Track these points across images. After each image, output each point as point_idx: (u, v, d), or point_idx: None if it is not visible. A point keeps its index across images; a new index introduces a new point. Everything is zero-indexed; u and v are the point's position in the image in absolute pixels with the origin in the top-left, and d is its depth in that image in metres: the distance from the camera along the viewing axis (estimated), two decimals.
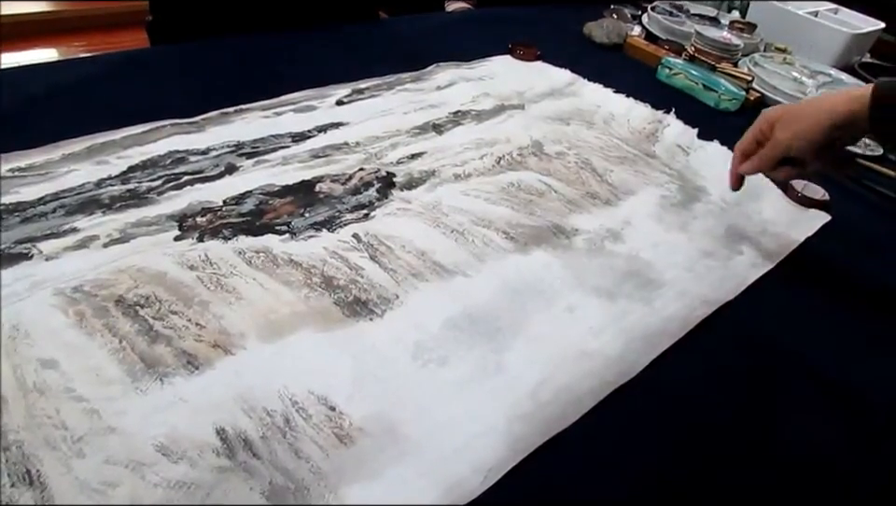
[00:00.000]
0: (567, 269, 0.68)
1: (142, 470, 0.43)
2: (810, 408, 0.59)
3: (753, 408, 0.59)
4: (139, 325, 0.53)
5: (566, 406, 0.54)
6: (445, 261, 0.65)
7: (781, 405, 0.59)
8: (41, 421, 0.45)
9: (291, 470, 0.45)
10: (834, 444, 0.57)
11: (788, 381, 0.62)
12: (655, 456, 0.53)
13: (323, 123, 0.85)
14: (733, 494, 0.52)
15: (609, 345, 0.60)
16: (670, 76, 1.17)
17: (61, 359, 0.49)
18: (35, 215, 0.62)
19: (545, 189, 0.79)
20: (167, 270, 0.58)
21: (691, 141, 0.95)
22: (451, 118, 0.93)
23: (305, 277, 0.60)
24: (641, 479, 0.51)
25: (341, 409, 0.50)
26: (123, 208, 0.65)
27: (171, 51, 0.98)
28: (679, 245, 0.75)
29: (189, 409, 0.47)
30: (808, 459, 0.55)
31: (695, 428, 0.55)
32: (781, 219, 0.83)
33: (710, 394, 0.59)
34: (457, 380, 0.54)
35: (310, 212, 0.69)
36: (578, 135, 0.93)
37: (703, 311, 0.66)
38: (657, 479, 0.51)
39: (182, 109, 0.82)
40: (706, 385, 0.60)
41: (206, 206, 0.67)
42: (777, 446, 0.55)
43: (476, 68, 1.10)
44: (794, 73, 1.22)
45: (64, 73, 0.88)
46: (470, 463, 0.48)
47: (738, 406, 0.58)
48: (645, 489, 0.50)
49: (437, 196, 0.75)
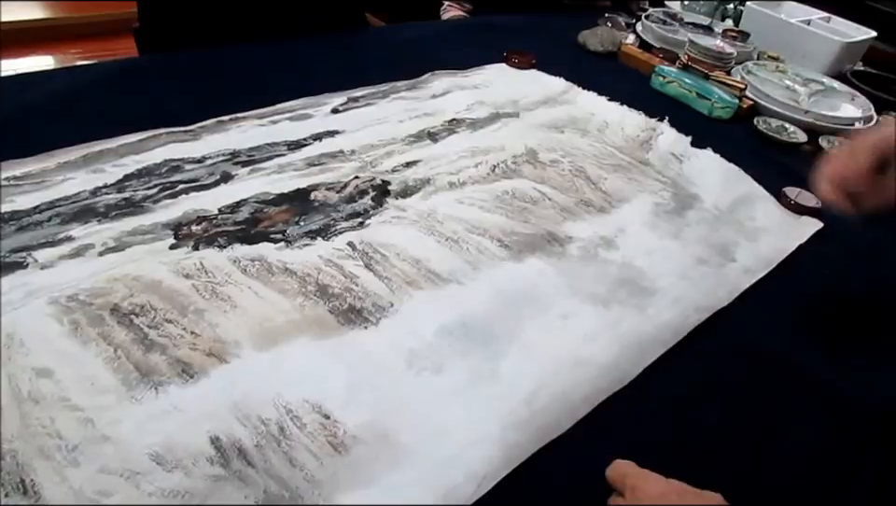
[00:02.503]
0: (560, 276, 0.68)
1: (136, 478, 0.43)
2: (801, 413, 0.60)
3: (745, 414, 0.59)
4: (134, 333, 0.53)
5: (560, 413, 0.54)
6: (440, 269, 0.66)
7: (773, 411, 0.60)
8: (36, 430, 0.45)
9: (286, 478, 0.45)
10: (826, 450, 0.57)
11: (780, 387, 0.62)
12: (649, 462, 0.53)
13: (318, 131, 0.86)
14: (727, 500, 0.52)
15: (603, 353, 0.60)
16: (664, 84, 1.18)
17: (55, 368, 0.49)
18: (31, 223, 0.62)
19: (539, 197, 0.80)
20: (162, 278, 0.58)
21: (684, 149, 0.96)
22: (446, 126, 0.93)
23: (300, 285, 0.60)
24: None
25: (335, 417, 0.50)
26: (119, 217, 0.65)
27: (166, 60, 0.99)
28: (672, 253, 0.75)
29: (184, 418, 0.47)
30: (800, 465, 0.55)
31: (689, 435, 0.56)
32: (774, 227, 0.83)
33: (703, 401, 0.59)
34: (452, 388, 0.54)
35: (305, 220, 0.69)
36: (572, 143, 0.93)
37: (696, 317, 0.67)
38: None
39: (178, 117, 0.82)
40: (698, 392, 0.60)
41: (201, 215, 0.67)
42: (770, 452, 0.56)
43: (471, 76, 1.11)
44: (787, 81, 1.23)
45: (60, 81, 0.89)
46: (465, 470, 0.48)
47: (730, 413, 0.59)
48: None
49: (432, 204, 0.75)
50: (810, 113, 1.12)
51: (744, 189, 0.90)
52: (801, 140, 1.06)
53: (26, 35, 2.28)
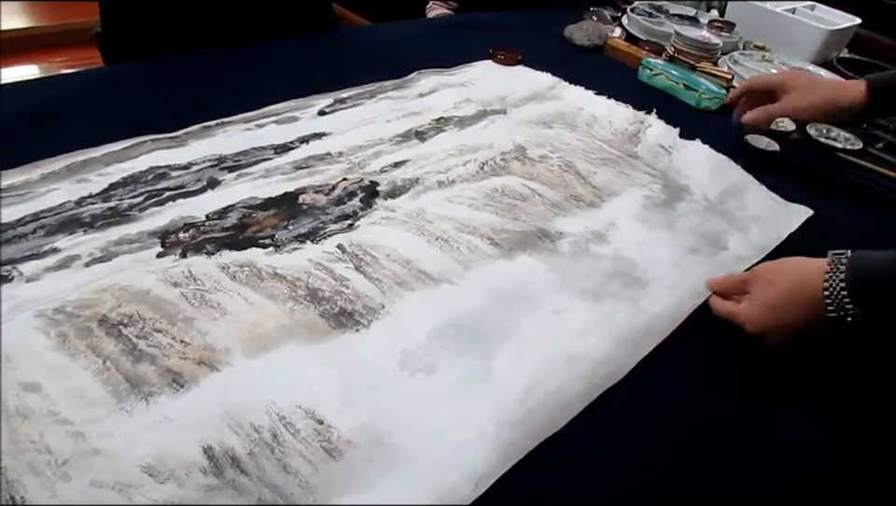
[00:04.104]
0: (552, 273, 0.68)
1: (129, 491, 0.43)
2: (795, 403, 0.60)
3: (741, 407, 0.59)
4: (123, 344, 0.52)
5: (555, 410, 0.54)
6: (431, 269, 0.65)
7: (765, 402, 0.60)
8: (24, 446, 0.44)
9: (280, 485, 0.45)
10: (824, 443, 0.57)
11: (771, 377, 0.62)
12: (646, 457, 0.53)
13: (305, 134, 0.85)
14: (725, 493, 0.52)
15: (597, 347, 0.60)
16: (651, 76, 1.17)
17: (44, 382, 0.48)
18: (15, 236, 0.62)
19: (529, 194, 0.80)
20: (150, 287, 0.57)
21: (673, 141, 0.96)
22: (433, 124, 0.93)
23: (290, 290, 0.60)
24: (633, 481, 0.51)
25: (329, 422, 0.49)
26: (104, 226, 0.65)
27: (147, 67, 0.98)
28: (664, 244, 0.75)
29: (176, 428, 0.47)
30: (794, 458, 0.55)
31: (685, 429, 0.56)
32: (764, 216, 0.84)
33: (698, 394, 0.59)
34: (446, 388, 0.54)
35: (294, 224, 0.69)
36: (560, 138, 0.93)
37: (693, 302, 0.67)
38: (648, 481, 0.51)
39: (162, 124, 0.81)
40: (693, 385, 0.60)
41: (189, 222, 0.67)
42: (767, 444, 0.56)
43: (458, 74, 1.10)
44: (773, 70, 1.24)
45: (43, 90, 0.88)
46: (461, 471, 0.48)
47: (725, 406, 0.59)
48: (637, 491, 0.50)
49: (421, 204, 0.75)
50: None
51: (733, 178, 0.90)
52: (789, 129, 1.06)
53: (10, 45, 2.25)
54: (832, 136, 1.06)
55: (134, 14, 1.09)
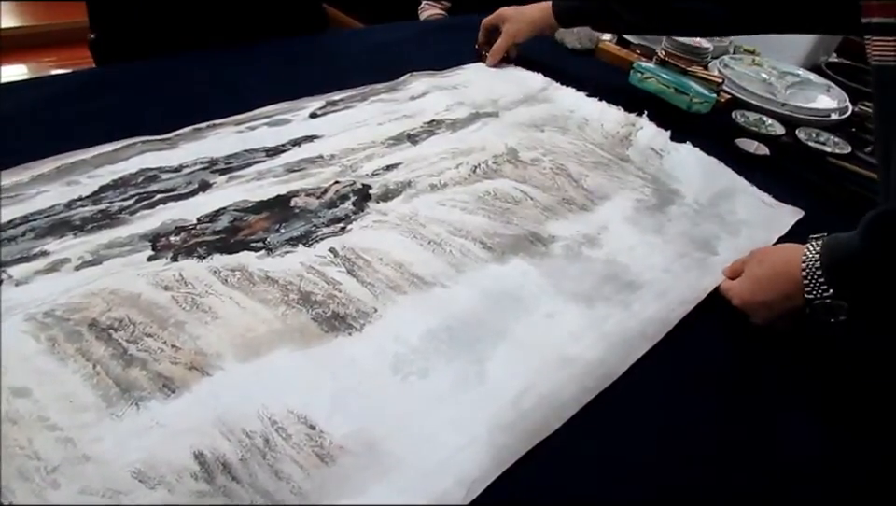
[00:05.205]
0: (544, 276, 0.68)
1: (119, 498, 0.42)
2: (787, 406, 0.60)
3: (733, 409, 0.59)
4: (113, 349, 0.52)
5: (548, 414, 0.54)
6: (423, 273, 0.65)
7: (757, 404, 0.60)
8: (13, 452, 0.44)
9: (272, 491, 0.45)
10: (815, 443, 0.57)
11: (765, 379, 0.62)
12: (638, 460, 0.53)
13: (297, 136, 0.85)
14: (717, 495, 0.52)
15: (590, 351, 0.60)
16: (642, 80, 1.18)
17: (33, 387, 0.48)
18: (4, 239, 0.61)
19: (521, 197, 0.80)
20: (141, 291, 0.57)
21: (664, 144, 0.96)
22: (425, 127, 0.92)
23: (282, 294, 0.60)
24: (626, 484, 0.51)
25: (321, 427, 0.49)
26: (95, 229, 0.64)
27: (138, 68, 0.97)
28: (655, 248, 0.76)
29: (166, 433, 0.47)
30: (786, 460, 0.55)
31: (677, 432, 0.56)
32: (755, 219, 0.84)
33: (690, 397, 0.59)
34: (438, 392, 0.54)
35: (286, 227, 0.68)
36: (552, 141, 0.93)
37: (681, 310, 0.67)
38: (641, 483, 0.51)
39: (153, 126, 0.80)
40: (685, 388, 0.60)
41: (180, 225, 0.66)
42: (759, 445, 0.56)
43: (450, 77, 1.10)
44: (763, 74, 1.24)
45: (33, 91, 0.87)
46: (454, 476, 0.48)
47: (717, 409, 0.59)
48: (630, 493, 0.50)
49: (413, 207, 0.75)
50: (787, 105, 1.13)
51: (724, 182, 0.90)
52: (779, 132, 1.07)
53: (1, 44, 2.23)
54: (821, 140, 1.07)
55: (127, 18, 1.08)
